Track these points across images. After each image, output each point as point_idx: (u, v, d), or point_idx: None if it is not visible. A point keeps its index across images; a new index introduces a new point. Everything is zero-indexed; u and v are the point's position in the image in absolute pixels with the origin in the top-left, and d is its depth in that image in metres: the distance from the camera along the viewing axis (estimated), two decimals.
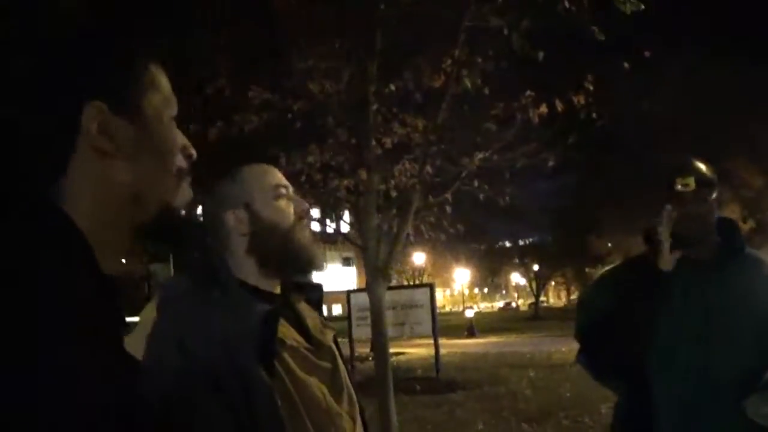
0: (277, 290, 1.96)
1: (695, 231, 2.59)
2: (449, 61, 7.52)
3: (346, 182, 7.90)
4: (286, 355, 1.79)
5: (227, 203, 1.94)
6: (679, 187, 2.57)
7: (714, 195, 2.64)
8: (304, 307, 2.01)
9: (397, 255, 7.98)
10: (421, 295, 15.45)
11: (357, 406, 1.97)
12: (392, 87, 7.66)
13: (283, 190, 1.96)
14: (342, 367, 1.99)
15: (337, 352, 2.01)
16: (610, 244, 43.36)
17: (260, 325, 1.76)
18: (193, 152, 1.25)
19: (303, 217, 1.96)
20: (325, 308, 2.17)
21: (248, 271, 1.91)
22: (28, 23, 0.94)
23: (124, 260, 1.04)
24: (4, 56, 0.92)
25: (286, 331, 1.84)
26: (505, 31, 6.98)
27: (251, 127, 7.63)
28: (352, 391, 1.98)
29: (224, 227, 1.93)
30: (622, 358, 2.66)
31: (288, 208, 1.94)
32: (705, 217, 2.63)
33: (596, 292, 2.90)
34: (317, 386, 1.83)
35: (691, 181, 2.58)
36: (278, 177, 1.99)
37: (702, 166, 2.66)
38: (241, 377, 1.68)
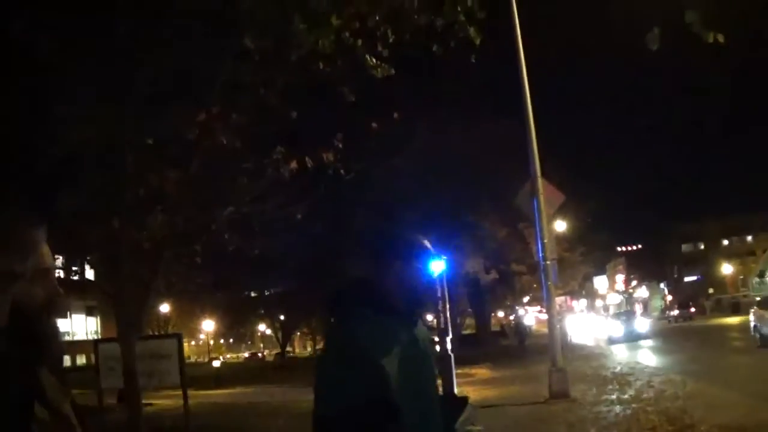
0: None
1: None
2: (204, 115, 7.69)
3: (98, 230, 7.81)
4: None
5: None
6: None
7: None
8: (45, 376, 2.03)
9: (149, 305, 7.99)
10: (169, 345, 15.21)
11: None
12: (149, 141, 7.68)
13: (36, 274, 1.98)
14: None
15: (74, 419, 2.07)
16: None
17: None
18: None
19: (49, 303, 1.97)
20: (68, 358, 2.18)
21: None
22: None
23: None
24: None
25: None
26: (262, 90, 7.29)
27: None
28: None
29: None
30: None
31: (36, 292, 1.94)
32: None
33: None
34: None
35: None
36: (37, 259, 1.97)
37: None
38: None
